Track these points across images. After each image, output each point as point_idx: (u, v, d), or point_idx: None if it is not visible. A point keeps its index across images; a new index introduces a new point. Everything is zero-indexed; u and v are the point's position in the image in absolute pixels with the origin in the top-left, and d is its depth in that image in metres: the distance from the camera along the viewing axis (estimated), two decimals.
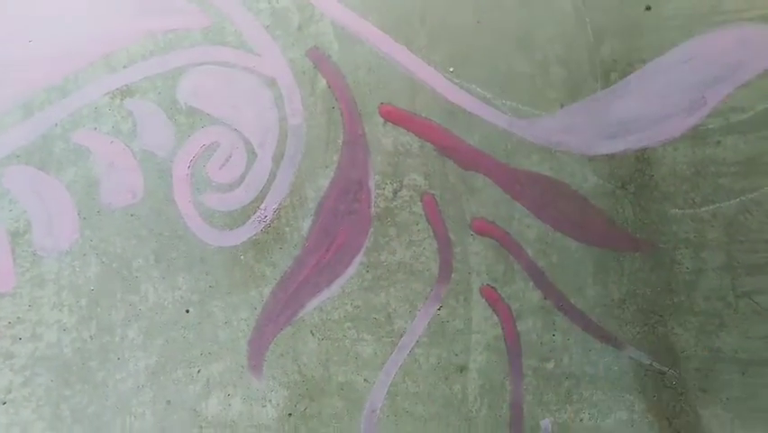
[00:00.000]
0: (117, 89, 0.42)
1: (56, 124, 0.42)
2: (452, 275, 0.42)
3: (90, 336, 0.42)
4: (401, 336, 0.42)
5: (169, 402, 0.42)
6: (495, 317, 0.42)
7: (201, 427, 0.42)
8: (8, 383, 0.42)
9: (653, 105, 0.42)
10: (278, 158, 0.42)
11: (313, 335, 0.42)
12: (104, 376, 0.42)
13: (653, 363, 0.42)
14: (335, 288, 0.42)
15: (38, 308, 0.42)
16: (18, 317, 0.42)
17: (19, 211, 0.42)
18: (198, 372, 0.42)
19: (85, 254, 0.42)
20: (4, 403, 0.42)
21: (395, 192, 0.43)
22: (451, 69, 0.42)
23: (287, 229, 0.42)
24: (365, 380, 0.42)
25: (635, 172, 0.42)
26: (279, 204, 0.42)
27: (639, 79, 0.42)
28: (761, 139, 0.42)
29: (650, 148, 0.42)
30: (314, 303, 0.42)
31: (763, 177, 0.42)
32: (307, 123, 0.42)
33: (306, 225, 0.42)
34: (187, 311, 0.42)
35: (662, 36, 0.42)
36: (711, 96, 0.42)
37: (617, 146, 0.42)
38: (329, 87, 0.43)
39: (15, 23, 0.42)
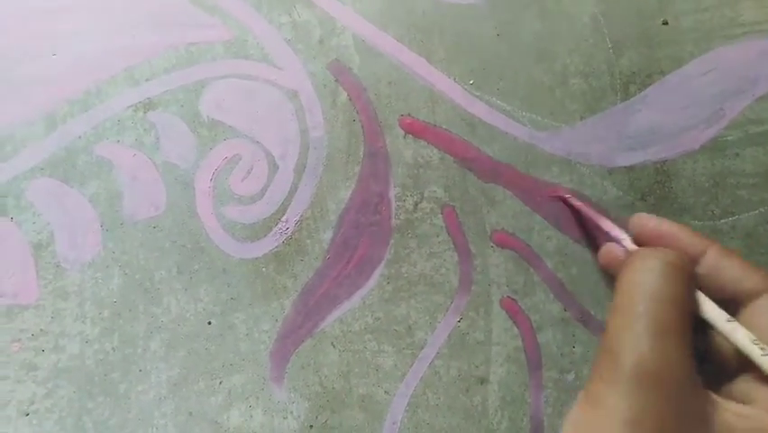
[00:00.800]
0: (140, 102, 0.43)
1: (79, 137, 0.42)
2: (473, 287, 0.43)
3: (113, 348, 0.42)
4: (422, 347, 0.42)
5: (190, 414, 0.42)
6: (515, 329, 0.42)
7: None
8: (31, 395, 0.42)
9: (673, 117, 0.43)
10: (299, 170, 0.43)
11: (334, 347, 0.42)
12: (126, 388, 0.42)
13: None
14: (356, 300, 0.43)
15: (61, 319, 0.42)
16: (41, 329, 0.42)
17: (42, 224, 0.42)
18: (220, 383, 0.42)
19: (107, 266, 0.42)
20: (27, 415, 0.42)
21: (415, 204, 0.43)
22: (471, 82, 0.43)
23: (308, 241, 0.43)
24: (386, 392, 0.42)
25: (655, 184, 0.43)
26: (301, 216, 0.43)
27: (658, 92, 0.43)
28: None
29: (669, 160, 0.43)
30: (335, 315, 0.42)
31: None
32: (329, 135, 0.43)
33: (327, 237, 0.43)
34: (209, 323, 0.42)
35: (681, 48, 0.43)
36: (730, 108, 0.43)
37: (637, 158, 0.43)
38: (350, 99, 0.43)
39: (38, 37, 0.43)
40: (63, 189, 0.42)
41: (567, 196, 0.41)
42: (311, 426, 0.42)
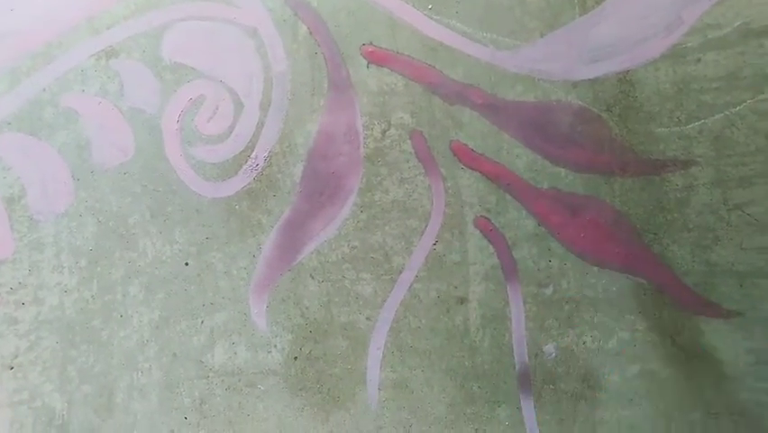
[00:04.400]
0: (102, 51, 0.43)
1: (44, 90, 0.43)
2: (446, 209, 0.43)
3: (92, 296, 0.42)
4: (400, 272, 0.43)
5: (174, 355, 0.42)
6: (491, 248, 0.43)
7: (208, 377, 0.42)
8: (14, 349, 0.42)
9: (632, 27, 0.43)
10: (265, 106, 0.43)
11: (312, 278, 0.43)
12: (108, 335, 0.42)
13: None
14: (331, 230, 0.43)
15: (38, 271, 0.42)
16: (19, 283, 0.42)
17: (13, 178, 0.42)
18: (202, 323, 0.42)
19: (81, 215, 0.42)
20: (12, 368, 0.42)
21: (383, 132, 0.43)
22: (429, 6, 0.43)
23: (279, 176, 0.43)
24: (367, 318, 0.42)
25: (619, 94, 0.43)
26: (270, 151, 0.43)
27: (616, 3, 0.43)
28: (739, 54, 0.42)
29: (632, 70, 0.43)
30: (311, 246, 0.43)
31: (744, 91, 0.42)
32: (292, 70, 0.43)
33: (297, 170, 0.43)
34: (187, 264, 0.43)
35: None
36: (688, 14, 0.43)
37: (600, 70, 0.43)
38: (310, 33, 0.43)
39: None
40: (31, 142, 0.42)
41: None
42: (295, 357, 0.42)
